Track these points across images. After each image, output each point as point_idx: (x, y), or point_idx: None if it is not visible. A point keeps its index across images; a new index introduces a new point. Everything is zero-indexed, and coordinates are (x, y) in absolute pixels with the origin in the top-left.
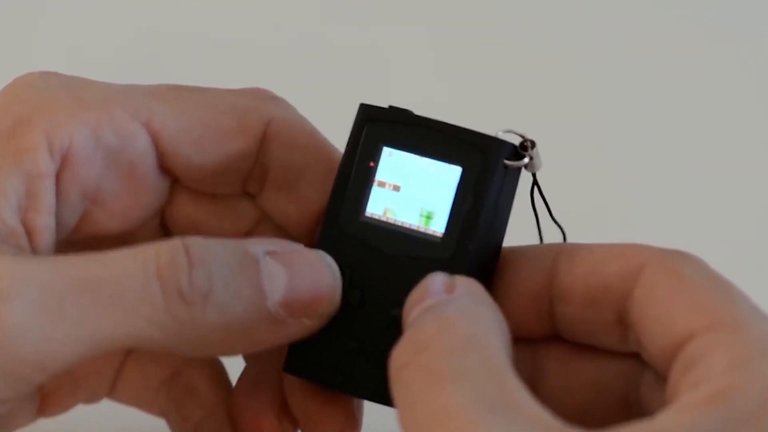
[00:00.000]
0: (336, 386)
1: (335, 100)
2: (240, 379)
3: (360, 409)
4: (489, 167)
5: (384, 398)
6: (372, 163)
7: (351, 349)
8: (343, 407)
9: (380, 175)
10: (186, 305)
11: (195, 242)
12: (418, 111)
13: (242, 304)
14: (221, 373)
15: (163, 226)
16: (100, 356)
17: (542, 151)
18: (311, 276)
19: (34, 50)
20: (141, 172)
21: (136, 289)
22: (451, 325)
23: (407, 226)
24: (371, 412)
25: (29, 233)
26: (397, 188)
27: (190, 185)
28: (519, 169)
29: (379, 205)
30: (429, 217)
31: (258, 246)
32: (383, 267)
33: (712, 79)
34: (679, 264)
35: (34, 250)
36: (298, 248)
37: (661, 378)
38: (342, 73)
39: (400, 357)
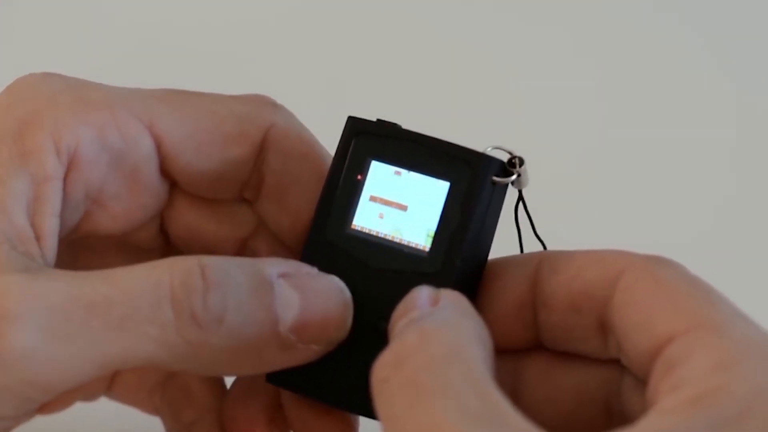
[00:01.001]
0: (320, 398)
1: (335, 107)
2: (233, 386)
3: (356, 418)
4: (477, 183)
5: (366, 411)
6: (360, 176)
7: (336, 361)
8: (339, 416)
9: (368, 188)
10: (198, 328)
11: (211, 263)
12: (408, 124)
13: (255, 328)
14: (216, 376)
15: (161, 229)
16: (108, 375)
17: (529, 168)
18: (323, 302)
19: (35, 53)
20: (143, 174)
21: (147, 311)
22: (431, 336)
23: (394, 239)
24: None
25: (36, 237)
26: (385, 202)
27: (189, 190)
28: (506, 186)
29: (367, 219)
30: (416, 231)
31: (272, 268)
32: (369, 280)
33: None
34: (658, 268)
35: (41, 254)
36: (311, 272)
37: (642, 383)
38: (342, 81)
39: (381, 370)
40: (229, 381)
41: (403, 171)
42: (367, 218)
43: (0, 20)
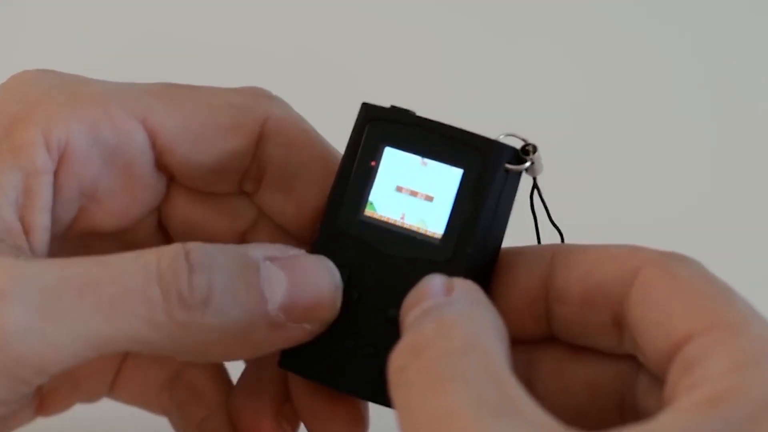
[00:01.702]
0: (330, 383)
1: (333, 99)
2: (239, 380)
3: (366, 408)
4: (490, 171)
5: (379, 398)
6: (373, 163)
7: (347, 347)
8: (349, 407)
9: (381, 175)
10: (186, 309)
11: (196, 247)
12: (421, 111)
13: (242, 309)
14: (222, 372)
15: (160, 225)
16: (99, 358)
17: (543, 155)
18: (312, 281)
19: (29, 49)
20: (138, 169)
21: (136, 292)
22: (449, 327)
23: (406, 226)
24: (379, 411)
25: (26, 231)
26: (399, 189)
27: (187, 183)
28: (519, 173)
29: (380, 205)
30: (428, 218)
31: (258, 251)
32: (381, 267)
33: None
34: (676, 266)
35: (31, 248)
36: (299, 253)
37: (657, 380)
38: (340, 73)
39: (398, 359)
40: (235, 377)
41: (417, 158)
42: (381, 205)
43: None
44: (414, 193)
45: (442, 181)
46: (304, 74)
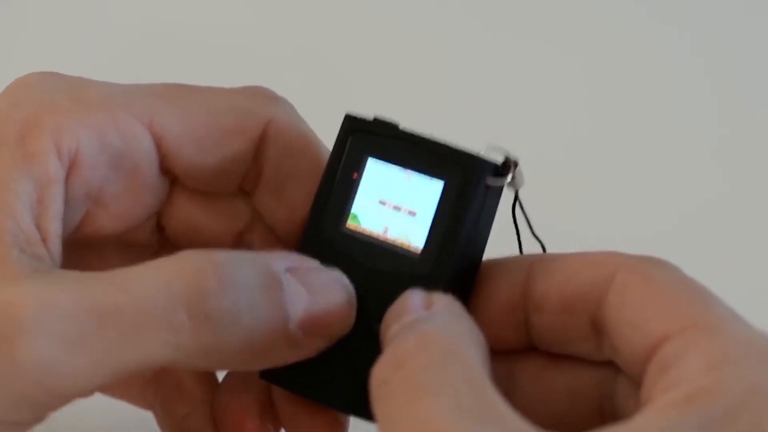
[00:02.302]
0: (311, 396)
1: (332, 99)
2: (225, 379)
3: (347, 417)
4: (470, 185)
5: (359, 411)
6: (355, 174)
7: (328, 360)
8: (330, 414)
9: (363, 187)
10: (214, 331)
11: (222, 261)
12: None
13: (266, 326)
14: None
15: (158, 225)
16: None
17: (525, 166)
18: (329, 297)
19: (29, 49)
20: (143, 173)
21: (160, 316)
22: (430, 339)
23: (387, 240)
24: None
25: (42, 239)
26: (380, 202)
27: (189, 185)
28: (501, 188)
29: (361, 218)
30: (411, 231)
31: (279, 262)
32: (362, 280)
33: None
34: (651, 269)
35: (49, 255)
36: (316, 266)
37: (636, 384)
38: (340, 73)
39: (381, 372)
40: (220, 374)
41: (399, 170)
42: (364, 217)
43: None
44: (397, 207)
45: (423, 194)
46: (303, 74)
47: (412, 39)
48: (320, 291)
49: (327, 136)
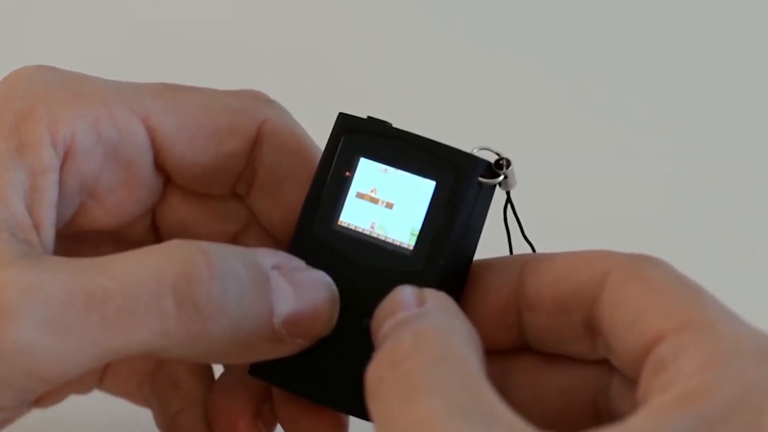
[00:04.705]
0: (301, 392)
1: (332, 99)
2: (220, 378)
3: (347, 419)
4: (463, 183)
5: (350, 408)
6: (348, 173)
7: (319, 356)
8: (331, 413)
9: (355, 185)
10: (201, 318)
11: (213, 250)
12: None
13: (252, 319)
14: (204, 367)
15: (153, 225)
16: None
17: (517, 169)
18: (314, 296)
19: (29, 48)
20: (138, 167)
21: (147, 302)
22: (425, 338)
23: (379, 237)
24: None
25: (35, 226)
26: (372, 200)
27: (182, 184)
28: (493, 187)
29: (353, 215)
30: (401, 229)
31: (267, 258)
32: (353, 277)
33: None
34: (645, 267)
35: (40, 242)
36: (301, 265)
37: (630, 383)
38: (335, 78)
39: (376, 370)
40: (217, 372)
41: (391, 169)
42: (354, 215)
43: None
44: (389, 205)
45: (415, 192)
46: (297, 74)
47: (406, 39)
48: (306, 290)
49: (320, 135)
